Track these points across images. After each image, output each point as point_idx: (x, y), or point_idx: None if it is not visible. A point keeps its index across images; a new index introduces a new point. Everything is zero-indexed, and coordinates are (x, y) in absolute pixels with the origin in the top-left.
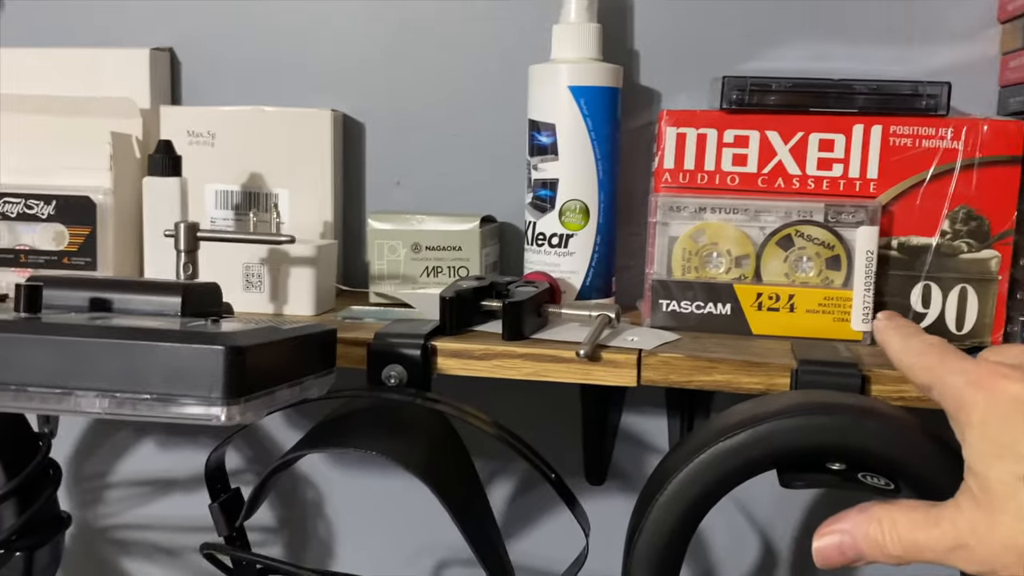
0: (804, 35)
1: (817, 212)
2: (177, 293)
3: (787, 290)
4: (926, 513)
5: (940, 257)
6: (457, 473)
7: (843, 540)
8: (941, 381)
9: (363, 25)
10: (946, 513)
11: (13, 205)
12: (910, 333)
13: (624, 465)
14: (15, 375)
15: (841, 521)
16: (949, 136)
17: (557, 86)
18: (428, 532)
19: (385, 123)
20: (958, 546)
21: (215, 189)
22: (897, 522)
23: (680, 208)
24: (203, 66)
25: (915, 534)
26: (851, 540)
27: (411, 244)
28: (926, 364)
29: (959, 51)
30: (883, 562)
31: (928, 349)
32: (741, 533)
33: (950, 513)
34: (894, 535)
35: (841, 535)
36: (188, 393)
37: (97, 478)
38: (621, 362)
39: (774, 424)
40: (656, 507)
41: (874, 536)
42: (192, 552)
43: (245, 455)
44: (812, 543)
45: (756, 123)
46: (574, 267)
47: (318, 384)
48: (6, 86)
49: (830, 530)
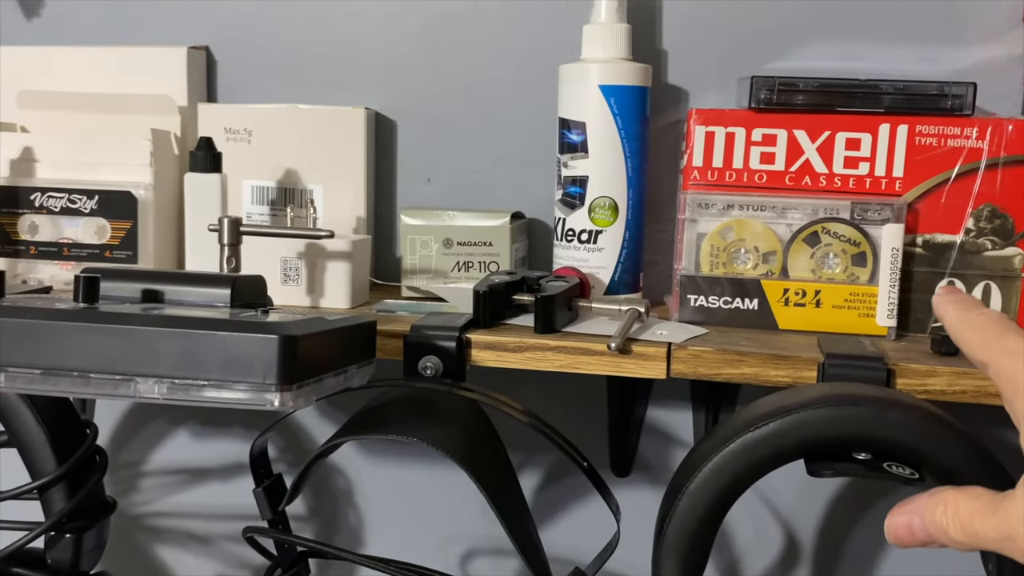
0: (830, 35)
1: (843, 210)
2: (227, 285)
3: (813, 286)
4: (987, 502)
5: (964, 254)
6: (493, 460)
7: (912, 521)
8: (998, 361)
9: (395, 24)
10: (1004, 503)
11: (56, 200)
12: (968, 306)
13: (649, 457)
14: (77, 362)
15: (913, 503)
16: (974, 136)
17: (587, 85)
18: (456, 521)
19: (416, 120)
20: (1008, 536)
21: (251, 185)
22: (960, 508)
23: (708, 205)
24: (239, 64)
25: (974, 522)
26: (919, 522)
27: (443, 239)
28: (983, 342)
29: (984, 51)
30: (950, 546)
31: (987, 325)
32: (764, 524)
33: (1007, 503)
34: (956, 521)
35: (911, 516)
36: (243, 379)
37: (132, 466)
38: (651, 355)
39: (803, 415)
40: (686, 494)
41: (939, 520)
42: (224, 539)
43: (278, 445)
44: (885, 520)
45: (784, 122)
46: (603, 263)
47: (360, 374)
48: (49, 84)
49: (903, 510)
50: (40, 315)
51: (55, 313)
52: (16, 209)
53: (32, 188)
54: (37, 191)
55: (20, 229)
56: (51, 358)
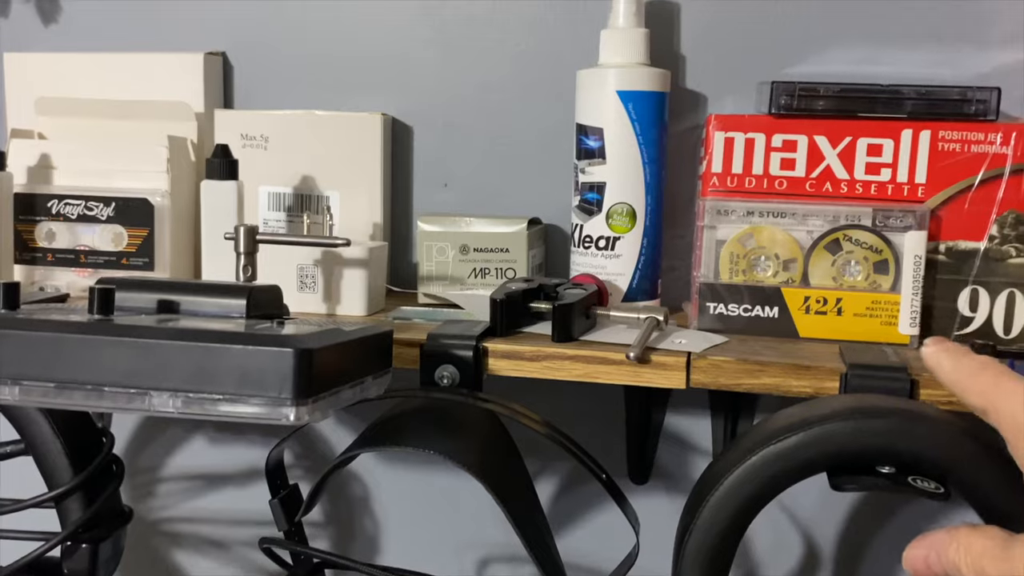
0: (851, 39)
1: (865, 216)
2: (242, 296)
3: (835, 294)
4: (999, 542)
5: (988, 262)
6: (510, 471)
7: (929, 555)
8: (995, 406)
9: (411, 29)
10: (1015, 546)
11: (73, 207)
12: (960, 353)
13: (667, 465)
14: (91, 375)
15: (931, 537)
16: (998, 141)
17: (605, 91)
18: (473, 529)
19: (433, 126)
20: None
21: (268, 191)
22: (972, 547)
23: (728, 212)
24: (255, 70)
25: (983, 561)
26: (935, 557)
27: (459, 246)
28: (980, 387)
29: (1009, 54)
30: None
31: (981, 370)
32: (785, 534)
33: (1018, 547)
34: (968, 559)
35: (928, 550)
36: (259, 393)
37: (149, 472)
38: (670, 364)
39: (826, 427)
40: (708, 507)
41: (952, 558)
42: (241, 545)
43: (294, 452)
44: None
45: (804, 128)
46: (621, 269)
47: (376, 384)
48: (66, 91)
49: (922, 544)
50: (54, 328)
51: (69, 326)
52: (34, 216)
53: (49, 195)
54: (54, 198)
55: (38, 236)
56: (65, 371)
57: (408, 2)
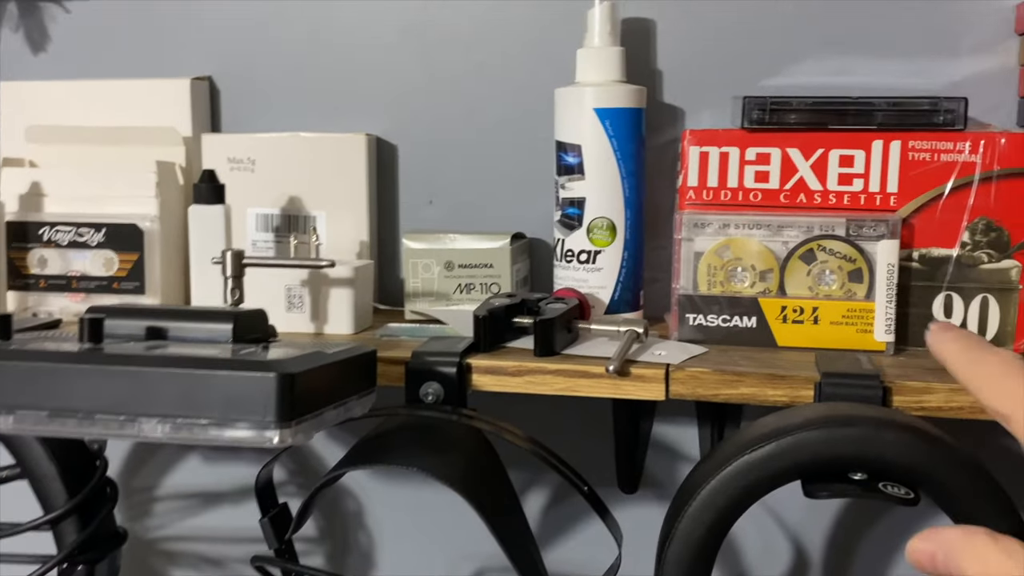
0: (823, 51)
1: (839, 226)
2: (228, 320)
3: (811, 303)
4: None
5: (961, 268)
6: (494, 487)
7: (936, 554)
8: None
9: (395, 51)
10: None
11: (64, 233)
12: (973, 345)
13: (656, 473)
14: (82, 403)
15: (943, 534)
16: (967, 150)
17: (582, 108)
18: (466, 542)
19: (417, 144)
20: None
21: (256, 213)
22: (989, 564)
23: (704, 224)
24: (241, 94)
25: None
26: (943, 558)
27: (444, 262)
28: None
29: (978, 63)
30: None
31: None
32: (772, 539)
33: None
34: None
35: (937, 548)
36: (243, 418)
37: (145, 491)
38: (650, 377)
39: (798, 437)
40: (685, 518)
41: (965, 569)
42: (237, 562)
43: (287, 468)
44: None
45: (777, 141)
46: (602, 282)
47: (361, 403)
48: (55, 118)
49: (931, 539)
50: (47, 358)
51: (61, 356)
52: (26, 243)
53: (40, 223)
54: (46, 225)
55: (30, 263)
56: (58, 399)
57: (391, 25)
